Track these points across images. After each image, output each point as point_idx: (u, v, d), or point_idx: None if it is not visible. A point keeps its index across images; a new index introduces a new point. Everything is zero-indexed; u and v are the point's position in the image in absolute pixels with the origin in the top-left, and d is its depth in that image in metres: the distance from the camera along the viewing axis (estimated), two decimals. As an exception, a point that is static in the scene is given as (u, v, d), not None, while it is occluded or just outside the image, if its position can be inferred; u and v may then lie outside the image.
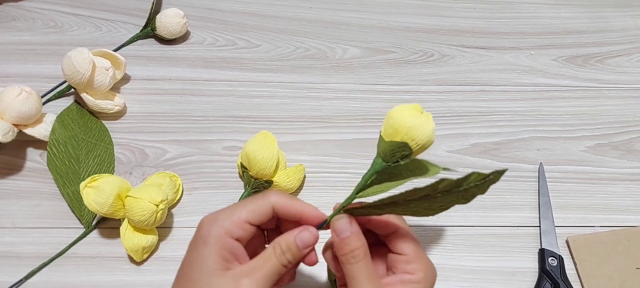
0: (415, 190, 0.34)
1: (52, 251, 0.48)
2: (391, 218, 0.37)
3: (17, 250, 0.48)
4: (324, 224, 0.37)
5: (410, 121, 0.36)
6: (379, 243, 0.39)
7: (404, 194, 0.34)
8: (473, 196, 0.35)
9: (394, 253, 0.37)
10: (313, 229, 0.37)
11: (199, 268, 0.35)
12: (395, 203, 0.35)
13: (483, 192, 0.35)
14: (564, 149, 0.56)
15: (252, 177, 0.49)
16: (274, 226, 0.40)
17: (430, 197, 0.34)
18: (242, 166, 0.50)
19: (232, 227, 0.36)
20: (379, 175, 0.37)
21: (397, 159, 0.37)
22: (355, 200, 0.37)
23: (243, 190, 0.51)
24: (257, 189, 0.50)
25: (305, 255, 0.37)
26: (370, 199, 0.37)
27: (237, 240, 0.36)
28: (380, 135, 0.38)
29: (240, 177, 0.52)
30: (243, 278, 0.34)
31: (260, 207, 0.37)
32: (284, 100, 0.58)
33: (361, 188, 0.37)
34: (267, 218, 0.37)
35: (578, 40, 0.65)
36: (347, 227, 0.36)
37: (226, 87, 0.59)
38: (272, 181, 0.50)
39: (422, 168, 0.35)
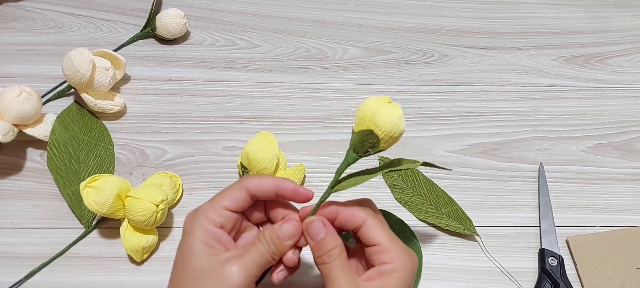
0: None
1: (52, 251, 0.48)
2: (357, 210, 0.37)
3: (17, 251, 0.48)
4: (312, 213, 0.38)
5: (374, 108, 0.36)
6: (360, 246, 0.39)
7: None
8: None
9: (368, 246, 0.37)
10: (296, 221, 0.37)
11: (189, 253, 0.36)
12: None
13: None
14: (564, 149, 0.56)
15: None
16: (263, 216, 0.41)
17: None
18: (242, 166, 0.50)
19: (213, 215, 0.37)
20: (361, 173, 0.39)
21: (366, 149, 0.38)
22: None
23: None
24: None
25: (291, 247, 0.37)
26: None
27: (221, 227, 0.37)
28: (352, 129, 0.38)
29: (241, 177, 0.52)
30: (230, 261, 0.36)
31: (236, 191, 0.38)
32: (284, 100, 0.58)
33: (336, 183, 0.38)
34: (245, 202, 0.38)
35: (578, 41, 0.65)
36: (321, 229, 0.36)
37: (226, 87, 0.59)
38: None
39: (396, 163, 0.38)
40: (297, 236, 0.37)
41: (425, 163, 0.37)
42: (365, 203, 0.39)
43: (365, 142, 0.37)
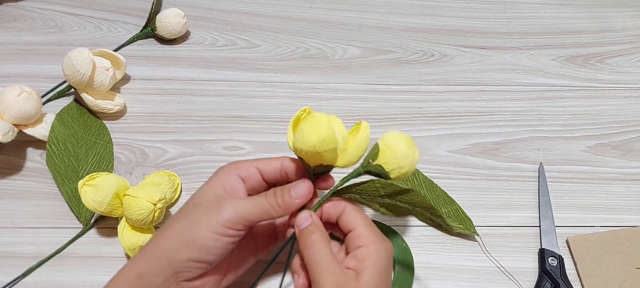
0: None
1: (52, 251, 0.47)
2: (336, 201, 0.40)
3: (17, 250, 0.48)
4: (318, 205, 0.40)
5: (404, 154, 0.38)
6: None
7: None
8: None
9: (346, 234, 0.39)
10: (309, 183, 0.39)
11: (202, 188, 0.40)
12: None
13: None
14: (564, 149, 0.56)
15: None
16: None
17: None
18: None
19: (242, 166, 0.40)
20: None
21: (375, 175, 0.40)
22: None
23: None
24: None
25: (298, 206, 0.39)
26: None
27: (242, 179, 0.40)
28: (375, 149, 0.39)
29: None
30: (227, 200, 0.38)
31: (273, 161, 0.41)
32: (284, 100, 0.58)
33: (337, 189, 0.40)
34: (276, 173, 0.41)
35: (578, 40, 0.65)
36: (307, 218, 0.39)
37: (226, 87, 0.59)
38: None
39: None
40: (307, 196, 0.39)
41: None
42: (347, 199, 0.41)
43: (379, 174, 0.39)
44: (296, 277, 0.40)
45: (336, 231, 0.41)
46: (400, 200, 0.40)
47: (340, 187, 0.40)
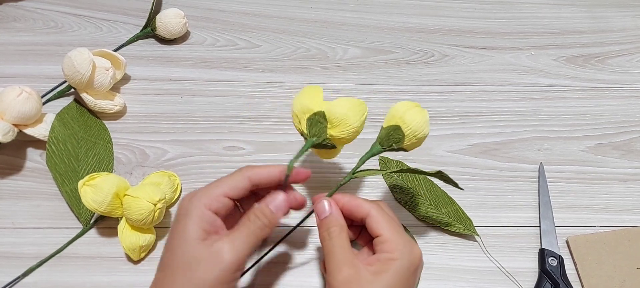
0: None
1: (52, 251, 0.47)
2: (362, 202, 0.40)
3: (17, 251, 0.48)
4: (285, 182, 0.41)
5: (405, 108, 0.41)
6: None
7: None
8: None
9: (374, 237, 0.40)
10: (283, 193, 0.40)
11: (180, 237, 0.37)
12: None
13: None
14: (564, 149, 0.56)
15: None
16: (250, 201, 0.42)
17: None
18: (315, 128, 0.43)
19: (211, 200, 0.38)
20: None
21: (391, 143, 0.42)
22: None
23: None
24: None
25: (281, 217, 0.40)
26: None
27: (216, 213, 0.38)
28: (381, 127, 0.42)
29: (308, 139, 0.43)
30: (219, 242, 0.37)
31: (238, 181, 0.39)
32: (284, 100, 0.58)
33: (356, 170, 0.43)
34: (245, 191, 0.40)
35: (579, 41, 0.65)
36: (325, 208, 0.40)
37: (226, 87, 0.59)
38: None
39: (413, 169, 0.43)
40: (288, 205, 0.40)
41: (438, 173, 0.41)
42: (376, 201, 0.42)
43: (392, 137, 0.41)
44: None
45: (359, 238, 0.43)
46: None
47: (358, 170, 0.42)
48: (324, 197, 0.41)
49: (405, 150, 0.42)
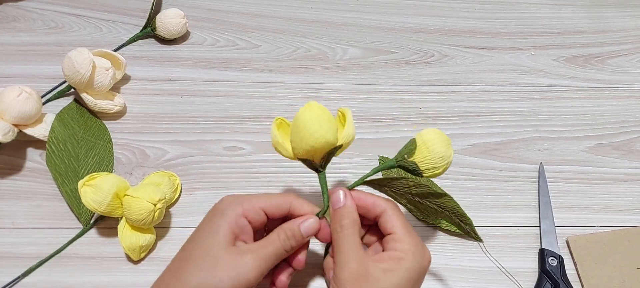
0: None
1: (52, 251, 0.47)
2: (378, 200, 0.40)
3: (17, 251, 0.48)
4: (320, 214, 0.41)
5: (444, 153, 0.40)
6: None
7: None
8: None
9: (386, 235, 0.39)
10: (316, 218, 0.40)
11: (210, 236, 0.38)
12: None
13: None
14: (564, 149, 0.56)
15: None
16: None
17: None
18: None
19: (249, 208, 0.39)
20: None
21: (407, 170, 0.41)
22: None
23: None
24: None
25: (307, 242, 0.41)
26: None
27: (250, 222, 0.39)
28: (412, 144, 0.40)
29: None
30: (247, 254, 0.37)
31: (281, 201, 0.40)
32: (284, 100, 0.58)
33: (368, 178, 0.42)
34: (282, 213, 0.40)
35: (579, 41, 0.65)
36: (340, 199, 0.39)
37: (226, 88, 0.59)
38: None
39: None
40: (316, 232, 0.40)
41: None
42: (391, 200, 0.41)
43: (411, 170, 0.40)
44: (331, 273, 0.40)
45: (370, 232, 0.42)
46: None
47: (371, 176, 0.41)
48: (341, 188, 0.40)
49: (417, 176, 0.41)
